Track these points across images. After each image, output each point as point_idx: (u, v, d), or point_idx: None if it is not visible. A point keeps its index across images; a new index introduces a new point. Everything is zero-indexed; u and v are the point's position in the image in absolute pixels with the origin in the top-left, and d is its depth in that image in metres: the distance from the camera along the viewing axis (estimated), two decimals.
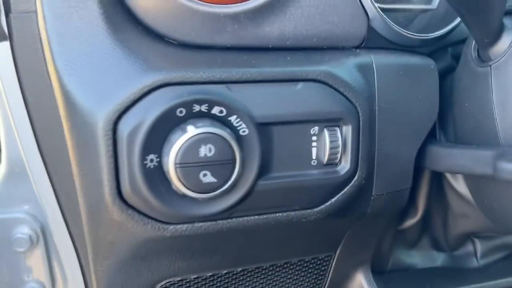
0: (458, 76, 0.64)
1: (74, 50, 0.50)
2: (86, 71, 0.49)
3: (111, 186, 0.49)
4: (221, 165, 0.48)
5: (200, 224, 0.53)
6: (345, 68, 0.56)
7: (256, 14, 0.55)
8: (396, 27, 0.60)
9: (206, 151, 0.47)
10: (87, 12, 0.51)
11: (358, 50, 0.61)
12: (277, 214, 0.56)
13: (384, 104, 0.59)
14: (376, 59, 0.59)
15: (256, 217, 0.55)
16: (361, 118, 0.56)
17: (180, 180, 0.48)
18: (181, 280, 0.67)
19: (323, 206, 0.58)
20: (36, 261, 0.86)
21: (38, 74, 0.55)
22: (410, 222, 0.82)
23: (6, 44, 0.72)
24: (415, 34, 0.61)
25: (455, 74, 0.65)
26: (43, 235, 0.85)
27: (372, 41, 0.61)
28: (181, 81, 0.49)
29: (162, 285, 0.66)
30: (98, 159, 0.49)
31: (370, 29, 0.60)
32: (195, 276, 0.67)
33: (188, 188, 0.48)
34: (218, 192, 0.50)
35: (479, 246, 0.90)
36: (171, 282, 0.66)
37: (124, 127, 0.47)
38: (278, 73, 0.52)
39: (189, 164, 0.47)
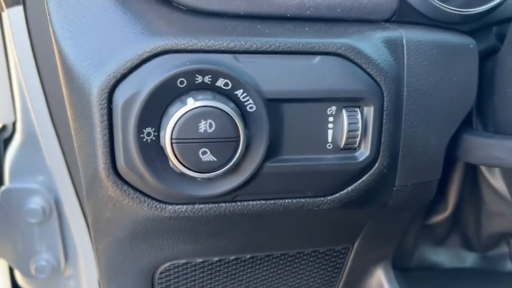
0: (502, 59, 0.57)
1: (72, 11, 0.46)
2: (84, 34, 0.46)
3: (105, 160, 0.46)
4: (223, 143, 0.44)
5: (201, 206, 0.49)
6: (370, 43, 0.50)
7: None
8: (432, 0, 0.53)
9: (206, 126, 0.43)
10: None
11: (387, 24, 0.54)
12: (286, 201, 0.52)
13: (413, 84, 0.53)
14: (407, 34, 0.53)
15: (263, 202, 0.51)
16: (385, 99, 0.50)
17: (176, 157, 0.44)
18: (186, 263, 0.63)
19: (338, 195, 0.53)
20: (49, 233, 0.85)
21: (49, 40, 0.52)
22: (439, 217, 0.76)
23: (20, 8, 0.70)
24: (453, 8, 0.55)
25: (498, 56, 0.58)
26: (57, 208, 0.84)
27: (405, 14, 0.55)
28: (183, 48, 0.44)
29: (166, 267, 0.63)
30: (92, 130, 0.45)
31: (403, 1, 0.54)
32: (201, 260, 0.63)
33: (185, 166, 0.44)
34: (219, 172, 0.45)
35: None
36: (176, 265, 0.63)
37: (120, 97, 0.44)
38: (292, 44, 0.47)
39: (187, 140, 0.43)
